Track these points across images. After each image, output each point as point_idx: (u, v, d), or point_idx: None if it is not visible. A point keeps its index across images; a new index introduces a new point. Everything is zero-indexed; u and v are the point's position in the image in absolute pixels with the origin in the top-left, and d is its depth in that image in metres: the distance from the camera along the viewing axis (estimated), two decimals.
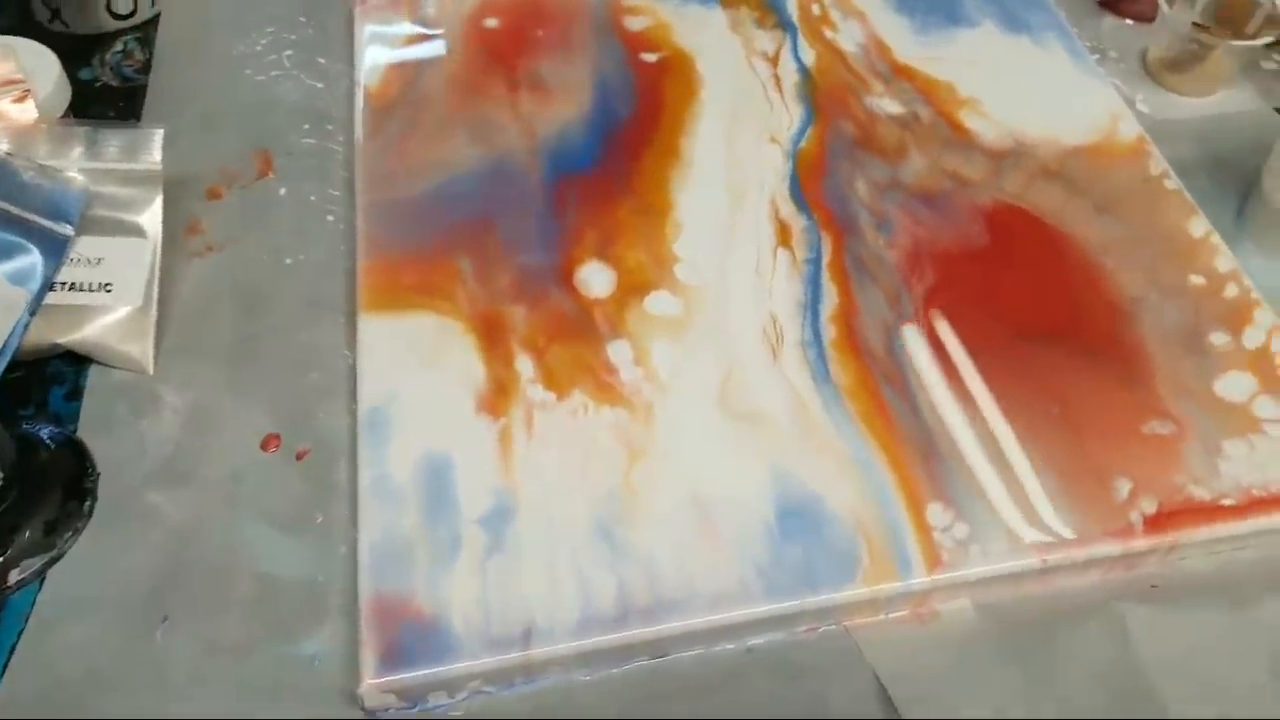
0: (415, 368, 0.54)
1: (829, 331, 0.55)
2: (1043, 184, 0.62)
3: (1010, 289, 0.57)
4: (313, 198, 0.64)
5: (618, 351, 0.55)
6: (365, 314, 0.57)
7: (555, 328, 0.56)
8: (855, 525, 0.48)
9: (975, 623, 0.48)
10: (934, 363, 0.54)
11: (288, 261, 0.61)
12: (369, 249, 0.59)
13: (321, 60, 0.71)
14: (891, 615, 0.48)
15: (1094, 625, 0.48)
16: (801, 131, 0.64)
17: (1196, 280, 0.57)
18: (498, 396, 0.53)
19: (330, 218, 0.63)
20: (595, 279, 0.58)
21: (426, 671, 0.45)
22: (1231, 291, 0.57)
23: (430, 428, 0.52)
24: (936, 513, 0.49)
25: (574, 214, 0.61)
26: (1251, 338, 0.55)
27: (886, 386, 0.53)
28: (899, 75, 0.68)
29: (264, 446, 0.54)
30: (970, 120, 0.65)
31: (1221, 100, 0.70)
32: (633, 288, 0.57)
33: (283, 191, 0.64)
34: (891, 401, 0.52)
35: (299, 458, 0.53)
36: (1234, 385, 0.53)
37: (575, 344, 0.55)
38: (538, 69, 0.68)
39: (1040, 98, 0.66)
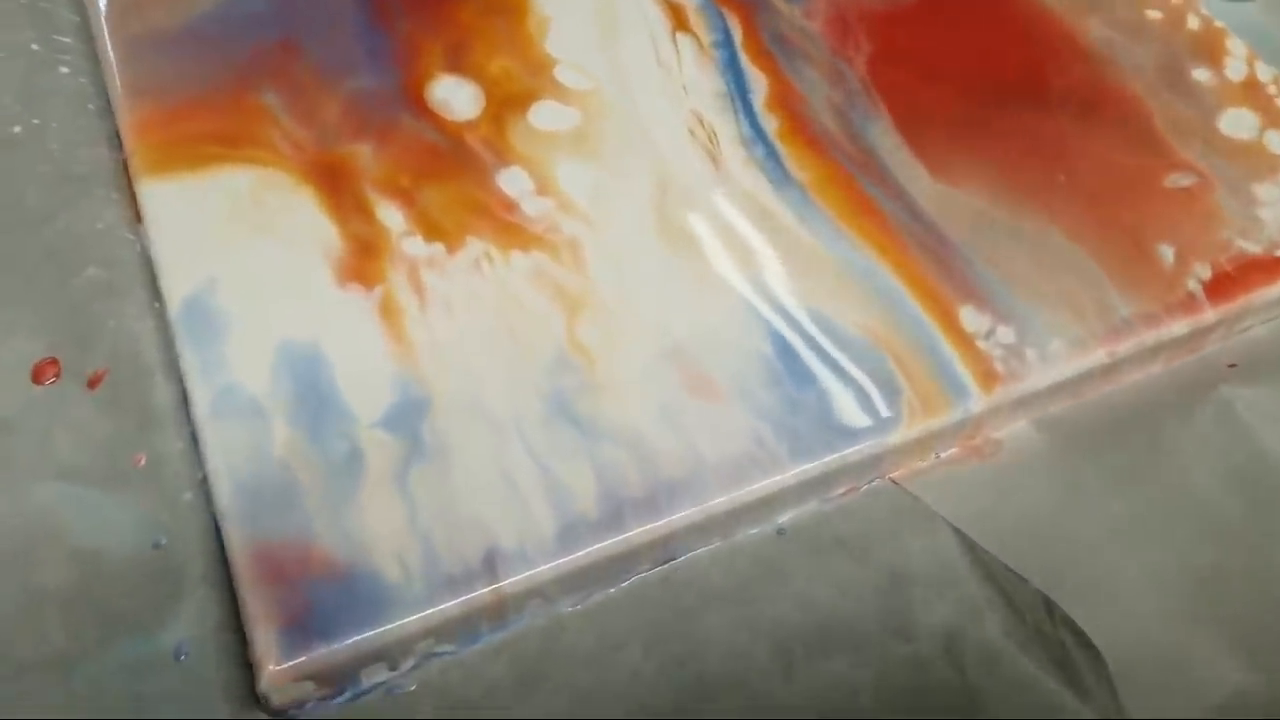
0: (236, 239, 0.39)
1: (770, 122, 0.43)
2: None
3: (960, 48, 0.46)
4: (35, 46, 0.45)
5: (511, 181, 0.41)
6: (146, 179, 0.40)
7: (419, 163, 0.41)
8: (878, 347, 0.37)
9: (1048, 444, 0.38)
10: (903, 141, 0.43)
11: (15, 130, 0.43)
12: (132, 96, 0.42)
13: None
14: (943, 455, 0.38)
15: (1200, 419, 0.38)
16: None
17: (1154, 14, 0.48)
18: (363, 259, 0.38)
19: (64, 69, 0.45)
20: (455, 97, 0.43)
21: (356, 639, 0.30)
22: (1194, 23, 0.48)
23: (278, 313, 0.37)
24: (971, 317, 0.38)
25: (403, 23, 0.46)
26: (1234, 69, 0.46)
27: (861, 176, 0.41)
28: None
29: (36, 378, 0.37)
30: None
31: None
32: (507, 102, 0.43)
33: None
34: (873, 194, 0.41)
35: (91, 384, 0.37)
36: (1238, 122, 0.44)
37: (452, 180, 0.41)
38: None
39: None
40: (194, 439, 0.35)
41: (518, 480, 0.34)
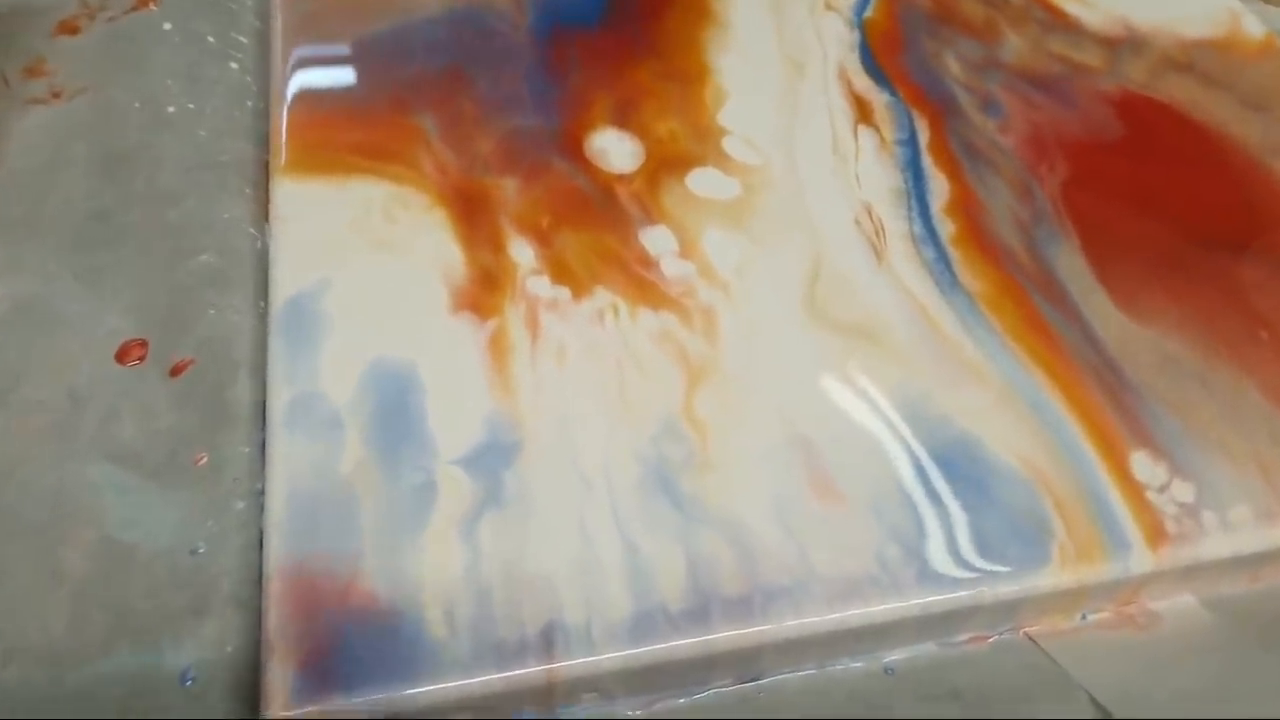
0: (359, 248, 0.35)
1: (946, 226, 0.38)
2: (1173, 75, 0.45)
3: (1166, 186, 0.40)
4: (210, 39, 0.43)
5: (655, 239, 0.36)
6: (283, 177, 0.37)
7: (563, 206, 0.37)
8: (1035, 481, 0.31)
9: (1217, 626, 0.30)
10: (1089, 267, 0.37)
11: (170, 110, 0.40)
12: (294, 98, 0.40)
13: None
14: (1091, 618, 0.31)
15: None
16: (865, 2, 0.48)
17: None
18: (485, 290, 0.34)
19: (234, 65, 0.43)
20: (614, 150, 0.39)
21: (380, 696, 0.25)
22: None
23: (383, 328, 0.33)
24: (1144, 465, 0.31)
25: (577, 74, 0.42)
26: None
27: (1038, 296, 0.36)
28: None
29: (121, 357, 0.33)
30: (1069, 5, 0.49)
31: None
32: (667, 162, 0.39)
33: (167, 26, 0.43)
34: (1049, 316, 0.35)
35: (174, 372, 0.33)
36: None
37: (593, 227, 0.36)
38: None
39: None
40: (263, 446, 0.31)
41: (599, 549, 0.28)
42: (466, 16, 0.44)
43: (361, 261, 0.34)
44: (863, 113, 0.42)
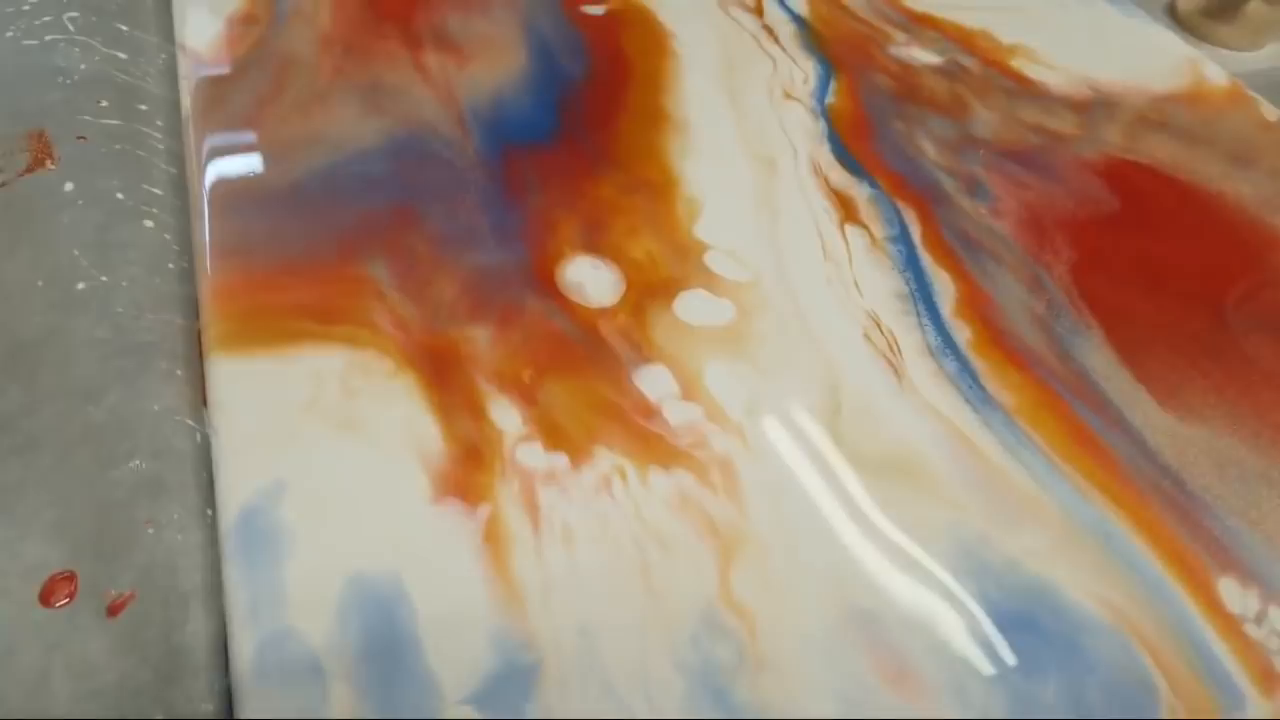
0: (317, 433, 0.29)
1: (961, 331, 0.33)
2: (1150, 135, 0.42)
3: (1175, 260, 0.36)
4: (120, 195, 0.37)
5: (652, 381, 0.31)
6: (220, 354, 0.31)
7: (545, 353, 0.31)
8: (1121, 627, 0.26)
9: None
10: (1119, 361, 0.32)
11: (80, 287, 0.34)
12: (218, 257, 0.34)
13: (123, 27, 0.45)
14: None
15: None
16: (823, 86, 0.43)
17: None
18: (470, 468, 0.28)
19: (149, 223, 0.36)
20: (591, 280, 0.34)
21: None
22: None
23: (355, 534, 0.26)
24: (1233, 593, 0.27)
25: (537, 196, 0.37)
26: None
27: (1077, 403, 0.31)
28: (919, 24, 0.47)
29: (46, 598, 0.27)
30: (1029, 69, 0.45)
31: (1272, 54, 0.53)
32: (650, 289, 0.34)
33: (69, 187, 0.37)
34: (1094, 425, 0.30)
35: (112, 612, 0.26)
36: None
37: (582, 375, 0.31)
38: (442, 24, 0.44)
39: (1097, 43, 0.47)
40: (229, 698, 0.25)
41: None
42: (406, 145, 0.38)
43: (321, 450, 0.28)
44: (847, 210, 0.37)
